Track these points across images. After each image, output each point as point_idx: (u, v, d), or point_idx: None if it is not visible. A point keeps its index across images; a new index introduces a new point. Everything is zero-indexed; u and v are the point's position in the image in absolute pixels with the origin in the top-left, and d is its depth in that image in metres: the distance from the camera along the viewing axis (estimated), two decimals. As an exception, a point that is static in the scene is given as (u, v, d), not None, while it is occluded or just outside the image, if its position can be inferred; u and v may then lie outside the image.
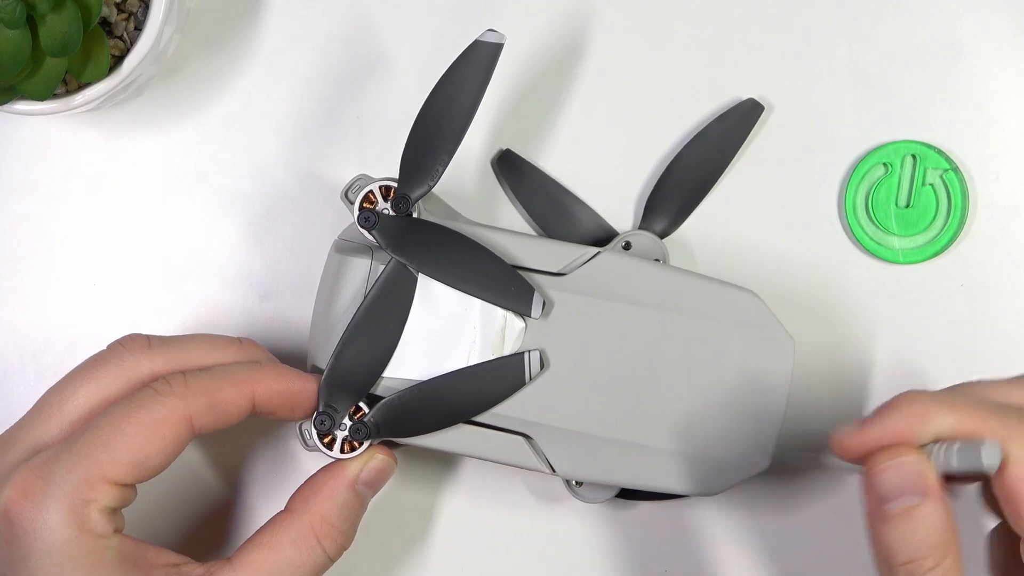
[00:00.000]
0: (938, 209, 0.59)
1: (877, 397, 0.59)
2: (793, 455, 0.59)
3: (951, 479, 0.46)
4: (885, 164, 0.59)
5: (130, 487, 0.50)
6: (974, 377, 0.59)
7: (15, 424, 0.52)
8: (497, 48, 0.53)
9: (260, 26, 0.60)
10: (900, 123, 0.59)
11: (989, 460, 0.44)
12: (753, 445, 0.54)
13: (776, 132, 0.59)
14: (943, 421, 0.45)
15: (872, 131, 0.59)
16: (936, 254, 0.59)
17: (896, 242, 0.59)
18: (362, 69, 0.60)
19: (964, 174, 0.59)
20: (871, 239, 0.59)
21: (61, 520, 0.48)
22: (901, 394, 0.47)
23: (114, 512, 0.50)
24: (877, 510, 0.44)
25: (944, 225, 0.59)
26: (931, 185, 0.59)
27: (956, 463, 0.44)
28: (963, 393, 0.48)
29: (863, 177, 0.59)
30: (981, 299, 0.59)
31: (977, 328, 0.59)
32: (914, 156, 0.59)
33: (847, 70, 0.59)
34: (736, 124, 0.58)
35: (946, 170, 0.58)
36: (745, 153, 0.59)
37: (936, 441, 0.46)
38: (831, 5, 0.59)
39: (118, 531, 0.50)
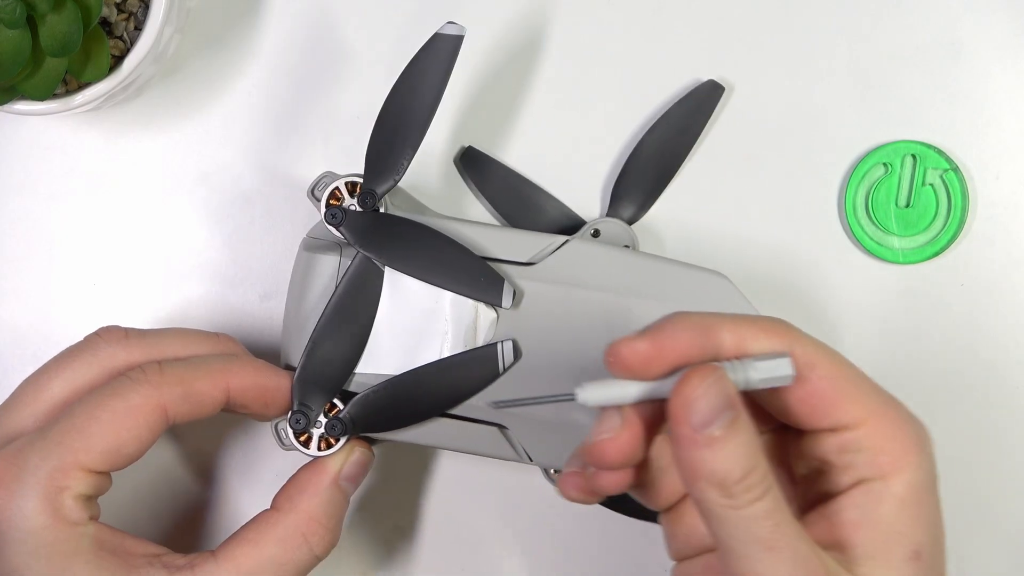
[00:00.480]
0: (938, 209, 0.59)
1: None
2: None
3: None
4: (885, 164, 0.59)
5: (104, 475, 0.50)
6: (975, 378, 0.59)
7: None
8: (457, 40, 0.53)
9: (260, 26, 0.60)
10: (900, 123, 0.59)
11: (789, 371, 0.43)
12: None
13: (776, 132, 0.59)
14: (723, 333, 0.44)
15: (872, 131, 0.59)
16: (936, 254, 0.59)
17: (896, 242, 0.59)
18: (363, 68, 0.60)
19: (964, 174, 0.59)
20: (871, 239, 0.59)
21: (35, 507, 0.48)
22: (669, 315, 0.44)
23: (89, 500, 0.50)
24: (694, 436, 0.42)
25: (944, 225, 0.58)
26: (931, 185, 0.59)
27: (758, 377, 0.43)
28: (710, 314, 0.45)
29: (863, 177, 0.59)
30: (981, 299, 0.59)
31: (977, 328, 0.59)
32: (914, 156, 0.59)
33: (847, 70, 0.59)
34: (696, 106, 0.58)
35: (946, 170, 0.58)
36: (743, 151, 0.59)
37: (718, 359, 0.44)
38: (831, 5, 0.59)
39: (93, 519, 0.50)
